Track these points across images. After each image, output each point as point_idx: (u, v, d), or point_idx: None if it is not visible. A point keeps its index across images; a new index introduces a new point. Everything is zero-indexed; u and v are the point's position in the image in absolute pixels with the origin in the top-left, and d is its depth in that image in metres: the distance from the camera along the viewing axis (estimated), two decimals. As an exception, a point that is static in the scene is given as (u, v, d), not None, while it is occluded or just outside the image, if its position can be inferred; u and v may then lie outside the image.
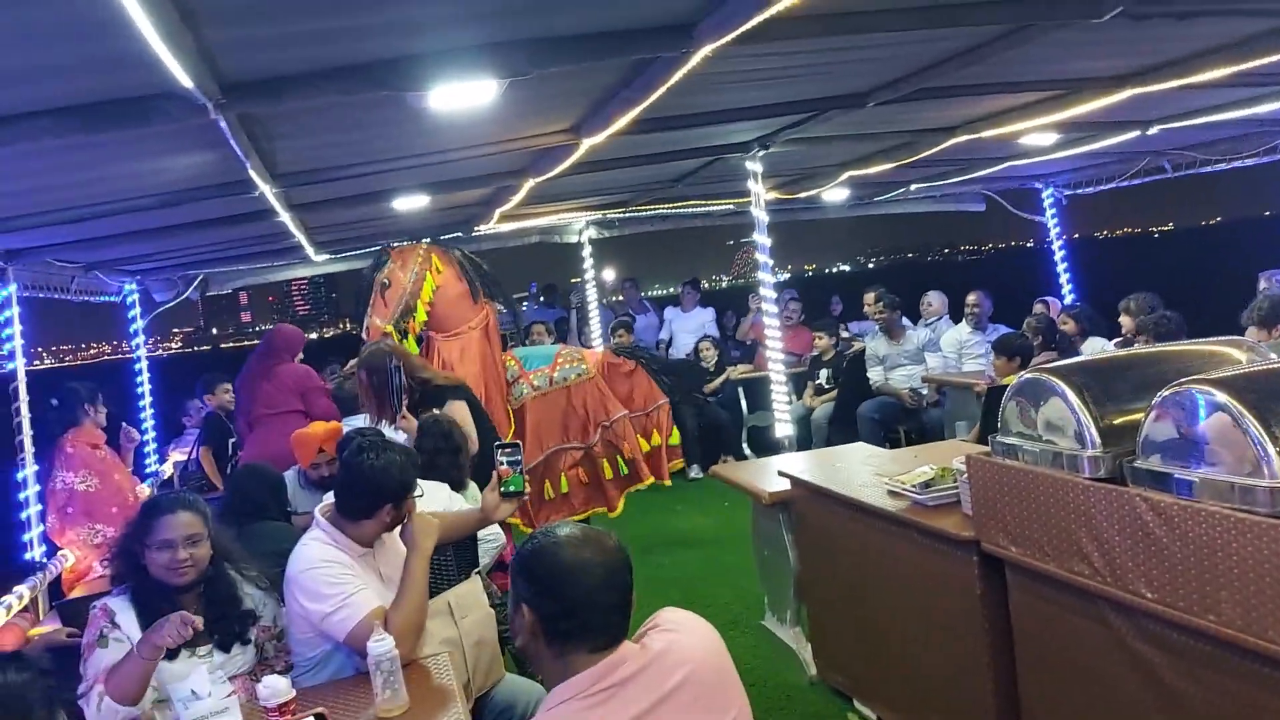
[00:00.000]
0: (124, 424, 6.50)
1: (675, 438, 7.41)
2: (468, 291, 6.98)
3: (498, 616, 3.82)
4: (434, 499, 3.93)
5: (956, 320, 9.37)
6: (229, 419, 7.81)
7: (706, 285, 14.52)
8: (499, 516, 3.48)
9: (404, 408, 5.37)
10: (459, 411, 5.39)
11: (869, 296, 9.52)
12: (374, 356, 5.50)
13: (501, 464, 3.36)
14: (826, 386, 9.69)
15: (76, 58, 2.58)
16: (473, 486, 4.84)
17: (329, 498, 3.56)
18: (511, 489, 3.37)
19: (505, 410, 6.80)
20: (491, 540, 4.42)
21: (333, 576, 3.20)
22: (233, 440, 7.74)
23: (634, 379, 7.33)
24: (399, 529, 3.40)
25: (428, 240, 7.13)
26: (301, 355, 7.37)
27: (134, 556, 3.22)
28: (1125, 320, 7.28)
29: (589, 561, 2.03)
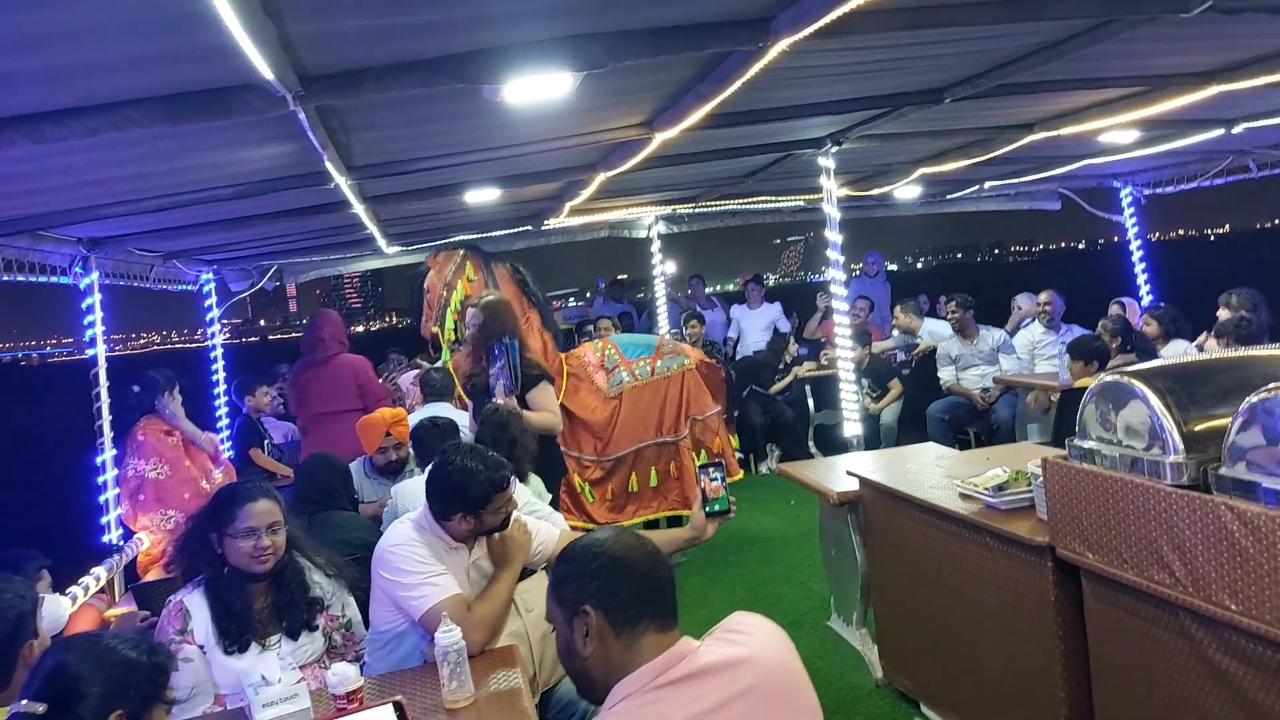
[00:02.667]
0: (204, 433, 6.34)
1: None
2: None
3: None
4: None
5: (997, 324, 9.38)
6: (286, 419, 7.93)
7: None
8: (709, 535, 3.42)
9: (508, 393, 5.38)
10: (546, 394, 5.43)
11: (951, 304, 9.49)
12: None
13: (710, 481, 3.32)
14: (872, 394, 9.53)
15: (164, 49, 2.63)
16: (535, 480, 4.85)
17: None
18: (716, 508, 3.32)
19: None
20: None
21: (418, 556, 3.28)
22: (268, 441, 7.88)
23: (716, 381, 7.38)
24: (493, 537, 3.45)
25: (463, 249, 7.13)
26: (348, 343, 7.11)
27: (210, 546, 3.27)
28: (1224, 314, 7.07)
29: (633, 546, 2.11)
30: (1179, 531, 2.81)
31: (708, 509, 3.32)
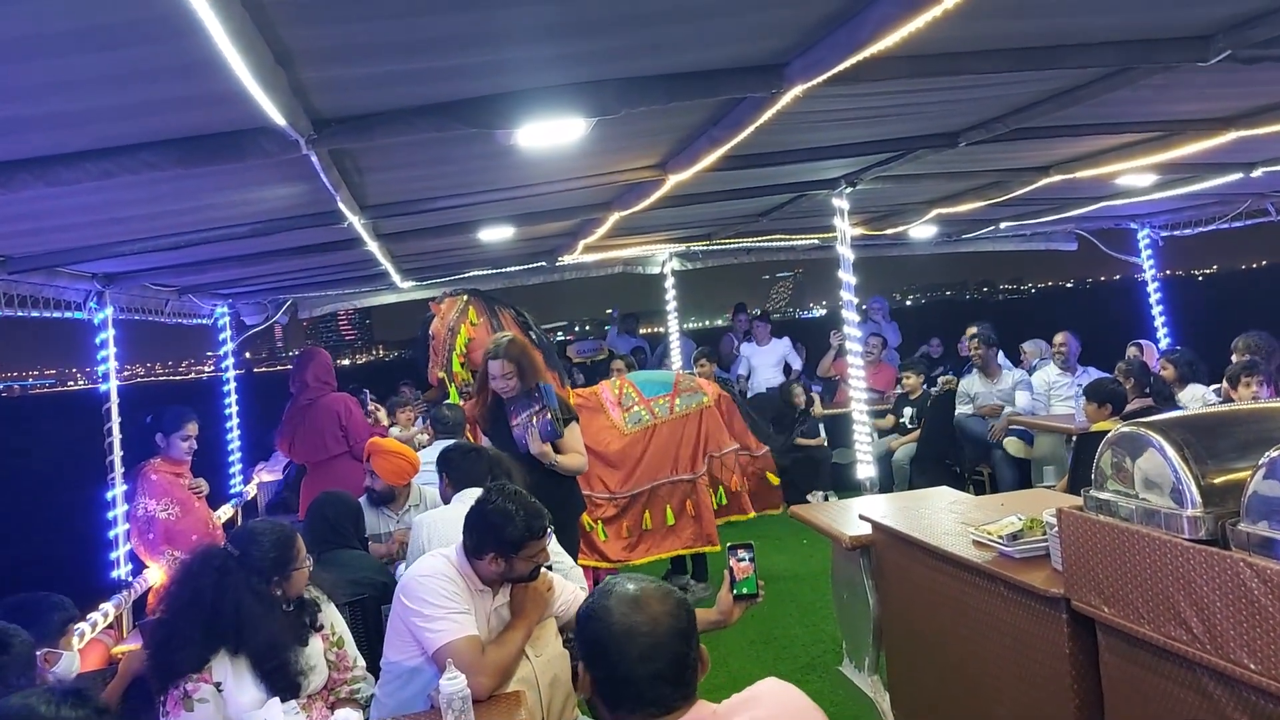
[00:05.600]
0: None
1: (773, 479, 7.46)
2: None
3: (571, 657, 3.78)
4: None
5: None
6: None
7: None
8: (734, 620, 3.25)
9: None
10: (574, 435, 5.40)
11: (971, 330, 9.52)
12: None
13: (739, 562, 3.15)
14: (910, 426, 9.52)
15: (177, 95, 2.64)
16: None
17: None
18: (744, 590, 3.15)
19: None
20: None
21: (444, 590, 3.27)
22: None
23: (738, 420, 7.35)
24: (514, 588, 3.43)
25: (466, 294, 7.15)
26: (335, 382, 6.86)
27: (264, 597, 3.24)
28: (1236, 360, 7.04)
29: (636, 628, 1.94)
30: (1196, 587, 2.76)
31: (735, 591, 3.16)
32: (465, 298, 7.05)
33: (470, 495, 4.43)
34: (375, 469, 5.35)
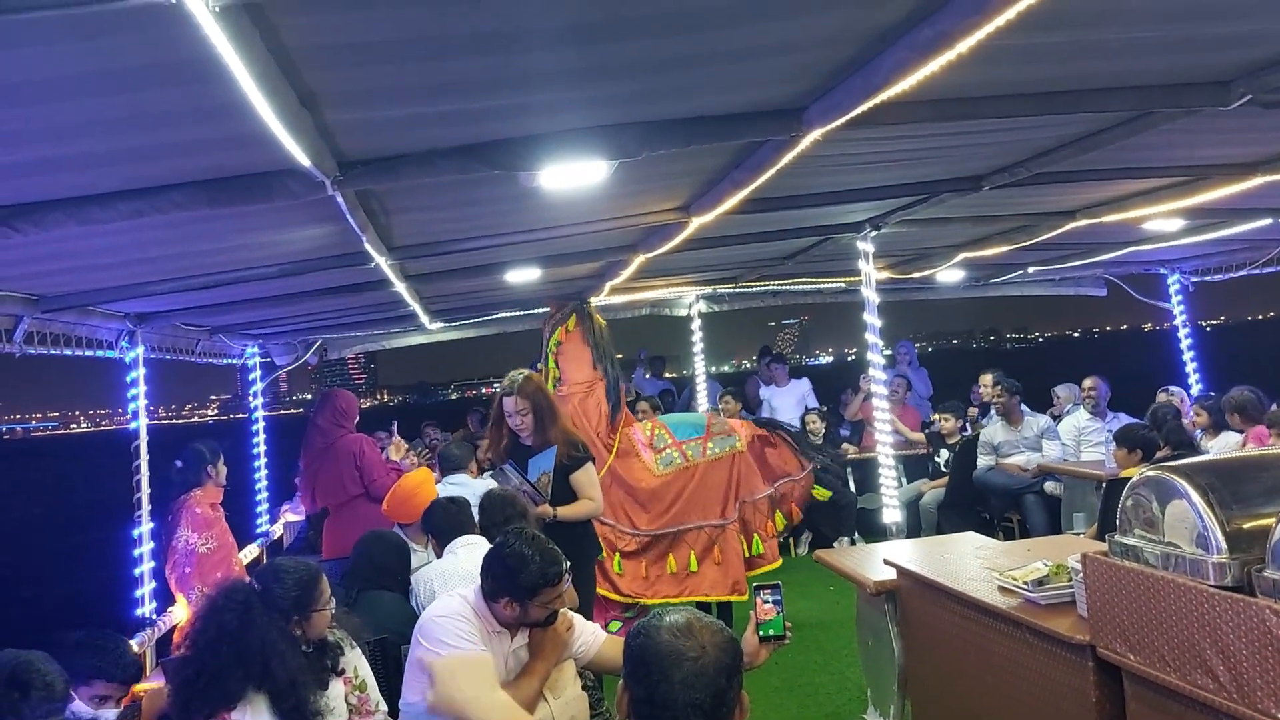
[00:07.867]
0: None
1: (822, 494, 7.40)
2: (589, 358, 7.14)
3: (590, 700, 3.76)
4: None
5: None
6: None
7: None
8: (760, 661, 3.06)
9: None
10: (589, 475, 5.40)
11: (985, 378, 9.45)
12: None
13: (763, 603, 3.02)
14: (945, 469, 9.42)
15: (204, 136, 2.70)
16: None
17: None
18: (771, 632, 3.01)
19: None
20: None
21: (460, 631, 3.25)
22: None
23: (776, 450, 7.31)
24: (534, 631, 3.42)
25: (576, 302, 7.39)
26: (351, 425, 6.81)
27: (282, 638, 3.23)
28: (1233, 419, 7.11)
29: (681, 654, 1.95)
30: (1222, 635, 2.72)
31: (760, 632, 3.03)
32: (572, 305, 7.34)
33: (460, 544, 4.47)
34: (396, 522, 5.44)
